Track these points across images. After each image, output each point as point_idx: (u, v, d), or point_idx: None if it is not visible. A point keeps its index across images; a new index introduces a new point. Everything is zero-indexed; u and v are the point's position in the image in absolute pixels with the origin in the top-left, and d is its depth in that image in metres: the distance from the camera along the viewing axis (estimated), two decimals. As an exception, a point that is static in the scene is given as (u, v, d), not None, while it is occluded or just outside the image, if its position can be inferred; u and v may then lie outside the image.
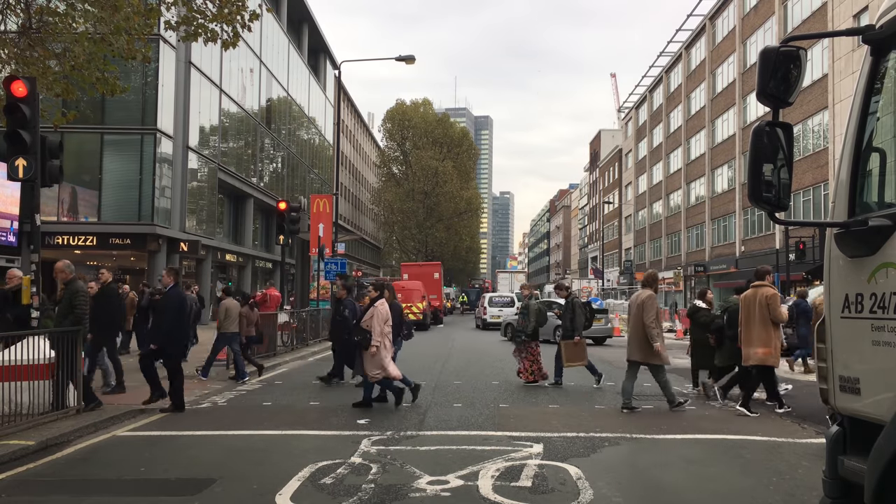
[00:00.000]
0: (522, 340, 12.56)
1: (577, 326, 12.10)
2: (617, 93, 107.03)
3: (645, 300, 9.61)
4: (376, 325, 9.56)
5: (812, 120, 33.24)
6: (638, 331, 9.68)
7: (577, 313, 12.17)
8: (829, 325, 3.30)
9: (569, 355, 12.08)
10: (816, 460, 6.48)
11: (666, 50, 58.07)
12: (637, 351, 9.76)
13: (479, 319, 33.53)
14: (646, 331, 9.51)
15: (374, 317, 9.62)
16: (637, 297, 9.89)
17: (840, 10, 30.23)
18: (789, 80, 3.17)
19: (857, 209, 3.17)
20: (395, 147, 71.87)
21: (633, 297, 10.20)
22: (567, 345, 12.13)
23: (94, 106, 25.35)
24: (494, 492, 5.59)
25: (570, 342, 12.10)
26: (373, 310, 9.71)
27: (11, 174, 9.02)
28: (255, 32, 31.47)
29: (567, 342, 12.14)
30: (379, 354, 9.57)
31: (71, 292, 9.00)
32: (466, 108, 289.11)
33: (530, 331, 12.42)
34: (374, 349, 9.50)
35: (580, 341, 12.13)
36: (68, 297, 9.00)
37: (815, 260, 28.39)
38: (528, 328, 12.45)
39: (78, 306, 8.88)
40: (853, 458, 3.04)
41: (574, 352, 12.09)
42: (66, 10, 10.50)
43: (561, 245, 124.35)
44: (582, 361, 12.16)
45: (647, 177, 64.63)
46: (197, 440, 7.73)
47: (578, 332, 12.10)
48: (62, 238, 25.88)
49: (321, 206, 29.44)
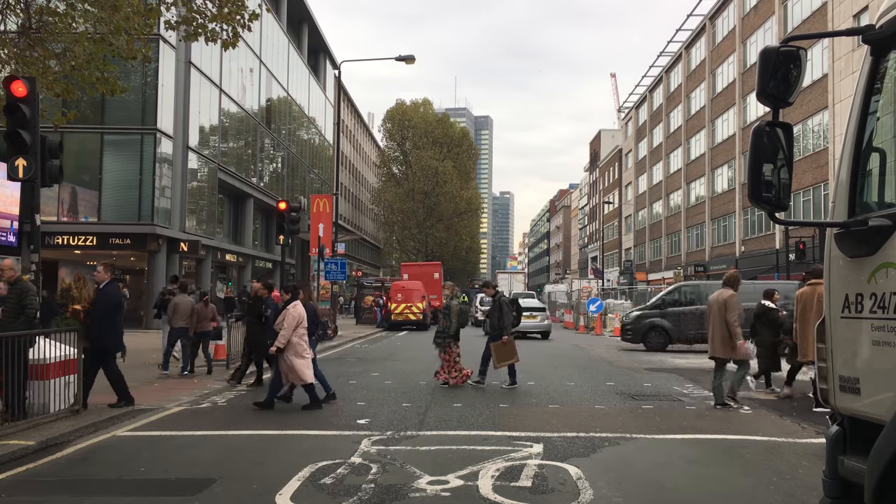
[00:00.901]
0: (444, 341, 12.22)
1: (506, 325, 11.90)
2: (617, 93, 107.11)
3: (728, 300, 9.89)
4: (285, 328, 9.41)
5: (812, 120, 33.24)
6: (720, 329, 9.93)
7: (504, 312, 11.98)
8: (829, 325, 3.30)
9: (499, 355, 11.85)
10: (816, 460, 6.48)
11: (666, 50, 58.09)
12: (720, 348, 10.03)
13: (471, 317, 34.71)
14: (729, 329, 9.80)
15: (286, 319, 9.49)
16: (719, 297, 10.08)
17: (840, 10, 30.23)
18: (789, 80, 3.17)
19: (857, 209, 3.17)
20: (395, 147, 71.89)
21: (713, 296, 10.38)
22: (496, 345, 11.90)
23: (94, 106, 25.36)
24: (494, 492, 5.59)
25: (499, 342, 11.88)
26: (285, 312, 9.58)
27: (11, 174, 9.03)
28: (255, 32, 31.49)
29: (496, 343, 11.91)
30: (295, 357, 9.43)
31: (19, 292, 8.56)
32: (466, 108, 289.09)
33: (452, 331, 12.16)
34: (275, 349, 9.41)
35: (509, 340, 11.91)
36: (16, 297, 8.55)
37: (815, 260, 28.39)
38: (450, 329, 12.17)
39: (28, 306, 8.46)
40: (853, 458, 3.04)
41: (504, 351, 11.87)
42: (66, 10, 10.50)
43: (561, 245, 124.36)
44: (512, 360, 11.93)
45: (647, 177, 64.64)
46: (197, 440, 7.73)
47: (507, 332, 11.89)
48: (62, 238, 25.88)
49: (321, 206, 29.45)
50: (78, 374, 8.81)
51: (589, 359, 17.67)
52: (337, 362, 16.60)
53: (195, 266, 32.09)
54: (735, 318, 9.80)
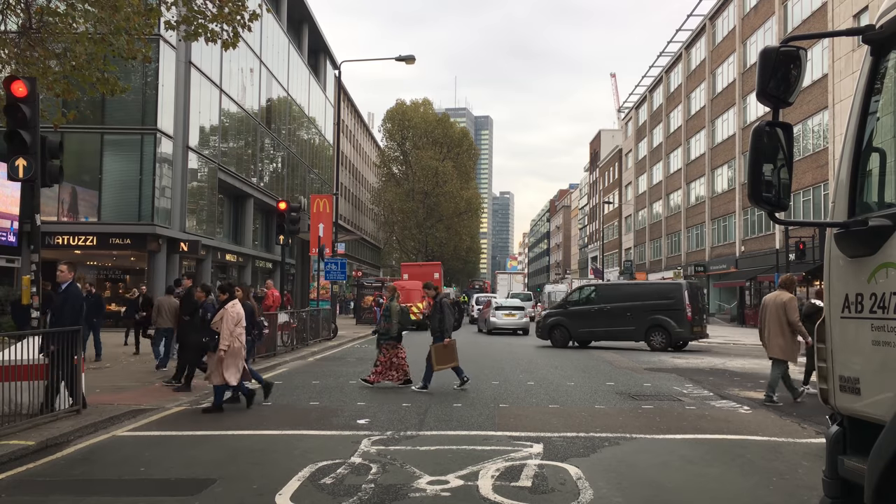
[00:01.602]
0: (386, 343, 12.00)
1: (447, 328, 11.68)
2: (617, 93, 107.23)
3: (787, 302, 10.27)
4: (225, 327, 9.25)
5: (812, 120, 33.24)
6: (779, 329, 10.28)
7: (445, 314, 11.75)
8: (829, 325, 3.30)
9: (439, 358, 11.60)
10: (816, 460, 6.48)
11: (666, 50, 58.12)
12: (778, 348, 10.35)
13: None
14: (794, 328, 10.22)
15: (224, 319, 9.32)
16: (777, 299, 10.40)
17: (840, 10, 30.24)
18: (789, 80, 3.17)
19: (857, 209, 3.17)
20: (395, 147, 71.88)
21: (769, 298, 10.70)
22: (437, 347, 11.62)
23: (94, 106, 25.34)
24: (494, 492, 5.59)
25: (440, 345, 11.60)
26: (223, 311, 9.40)
27: (11, 174, 9.02)
28: (255, 32, 31.50)
29: (437, 345, 11.62)
30: (230, 357, 9.30)
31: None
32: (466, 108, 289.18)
33: (395, 333, 11.94)
34: (223, 352, 9.21)
35: (450, 343, 11.66)
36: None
37: (815, 260, 28.39)
38: (391, 331, 11.94)
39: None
40: (853, 458, 3.04)
41: (444, 354, 11.61)
42: (66, 10, 10.50)
43: (561, 245, 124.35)
44: (452, 363, 11.66)
45: (647, 177, 64.64)
46: (197, 440, 7.73)
47: (447, 334, 11.68)
48: (62, 238, 25.88)
49: (321, 206, 29.45)
50: (78, 373, 8.80)
51: (589, 359, 17.67)
52: (337, 362, 16.61)
53: (195, 266, 32.08)
54: (797, 318, 10.23)
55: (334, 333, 24.32)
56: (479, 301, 40.35)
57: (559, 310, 23.00)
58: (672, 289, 21.29)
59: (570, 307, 22.51)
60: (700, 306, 21.11)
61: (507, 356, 18.35)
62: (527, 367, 15.51)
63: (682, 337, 20.47)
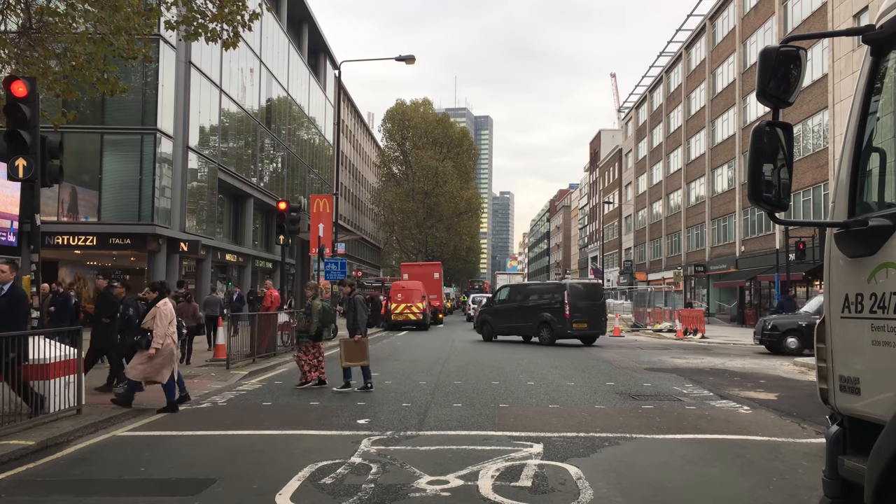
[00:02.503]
0: (305, 342, 11.92)
1: (360, 325, 11.58)
2: (617, 93, 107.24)
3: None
4: (159, 326, 9.16)
5: (812, 120, 33.24)
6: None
7: (358, 311, 11.65)
8: (829, 325, 3.30)
9: (348, 354, 11.48)
10: (816, 460, 6.48)
11: (666, 50, 58.09)
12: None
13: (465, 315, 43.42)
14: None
15: (158, 317, 9.21)
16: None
17: (840, 10, 30.24)
18: (789, 80, 3.17)
19: (857, 209, 3.17)
20: (395, 147, 71.87)
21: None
22: (347, 343, 11.52)
23: (94, 106, 25.36)
24: (494, 492, 5.59)
25: (351, 340, 11.49)
26: (155, 310, 9.29)
27: (11, 174, 9.02)
28: (255, 32, 31.46)
29: (347, 340, 11.53)
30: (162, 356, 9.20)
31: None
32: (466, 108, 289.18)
33: (313, 332, 11.83)
34: (154, 350, 9.10)
35: (361, 340, 11.54)
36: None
37: (815, 260, 28.39)
38: (310, 329, 11.83)
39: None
40: (853, 458, 3.04)
41: (354, 351, 11.48)
42: (66, 10, 10.50)
43: (561, 245, 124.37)
44: (361, 361, 11.52)
45: (647, 177, 64.63)
46: (197, 440, 7.73)
47: (360, 331, 11.56)
48: (62, 238, 25.88)
49: (321, 206, 29.46)
50: (78, 373, 8.81)
51: (589, 359, 17.67)
52: (337, 362, 16.58)
53: (195, 266, 32.09)
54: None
55: (334, 333, 24.30)
56: (476, 301, 43.15)
57: (486, 307, 26.05)
58: (557, 289, 23.45)
59: (494, 305, 25.40)
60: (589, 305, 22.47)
61: (507, 356, 18.35)
62: (527, 367, 15.51)
63: (562, 333, 22.25)
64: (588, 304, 22.30)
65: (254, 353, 15.32)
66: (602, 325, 22.88)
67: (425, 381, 12.54)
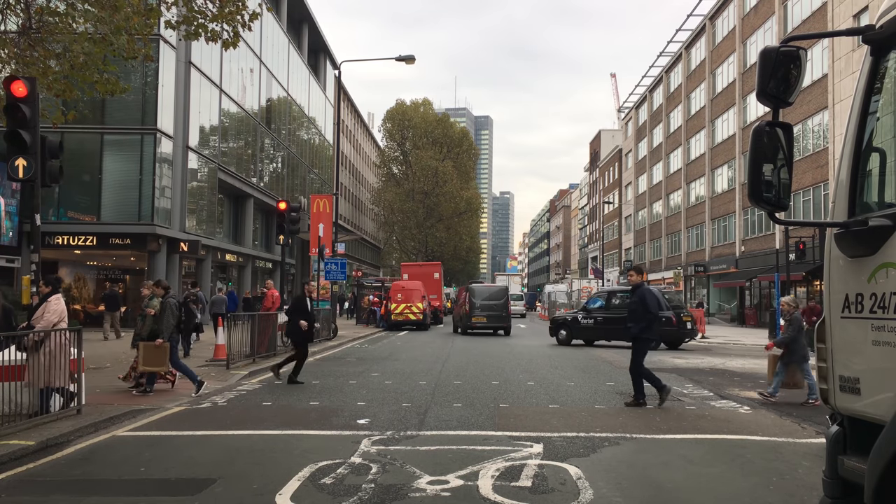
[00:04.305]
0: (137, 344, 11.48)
1: (164, 329, 11.10)
2: (617, 93, 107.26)
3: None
4: (46, 322, 8.79)
5: (812, 120, 33.24)
6: None
7: (166, 314, 11.20)
8: (829, 325, 3.30)
9: (146, 358, 10.90)
10: (816, 460, 6.48)
11: (666, 50, 58.11)
12: None
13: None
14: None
15: (47, 312, 8.91)
16: None
17: (840, 10, 30.24)
18: (789, 80, 3.17)
19: (857, 209, 3.17)
20: (395, 147, 71.88)
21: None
22: (146, 346, 10.92)
23: (94, 106, 25.34)
24: (494, 492, 5.59)
25: (151, 344, 10.88)
26: (45, 305, 8.99)
27: (11, 174, 9.02)
28: (255, 32, 31.48)
29: (147, 344, 10.94)
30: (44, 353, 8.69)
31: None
32: (466, 108, 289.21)
33: (145, 334, 11.16)
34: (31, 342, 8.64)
35: (162, 344, 10.92)
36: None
37: (815, 260, 28.39)
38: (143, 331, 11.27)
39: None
40: (853, 458, 3.04)
41: (153, 355, 10.97)
42: (66, 10, 10.51)
43: (561, 245, 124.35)
44: (159, 367, 10.98)
45: (647, 177, 64.63)
46: (197, 440, 7.73)
47: (164, 336, 11.06)
48: (62, 238, 25.87)
49: (321, 206, 29.45)
50: (78, 373, 8.80)
51: (589, 359, 17.67)
52: (337, 362, 16.61)
53: (195, 266, 32.09)
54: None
55: (334, 333, 24.32)
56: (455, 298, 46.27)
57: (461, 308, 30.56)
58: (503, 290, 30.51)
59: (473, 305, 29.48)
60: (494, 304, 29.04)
61: (507, 356, 18.35)
62: (527, 367, 15.51)
63: (505, 328, 29.28)
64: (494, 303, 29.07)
65: (254, 353, 15.32)
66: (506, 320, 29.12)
67: (425, 381, 12.55)
